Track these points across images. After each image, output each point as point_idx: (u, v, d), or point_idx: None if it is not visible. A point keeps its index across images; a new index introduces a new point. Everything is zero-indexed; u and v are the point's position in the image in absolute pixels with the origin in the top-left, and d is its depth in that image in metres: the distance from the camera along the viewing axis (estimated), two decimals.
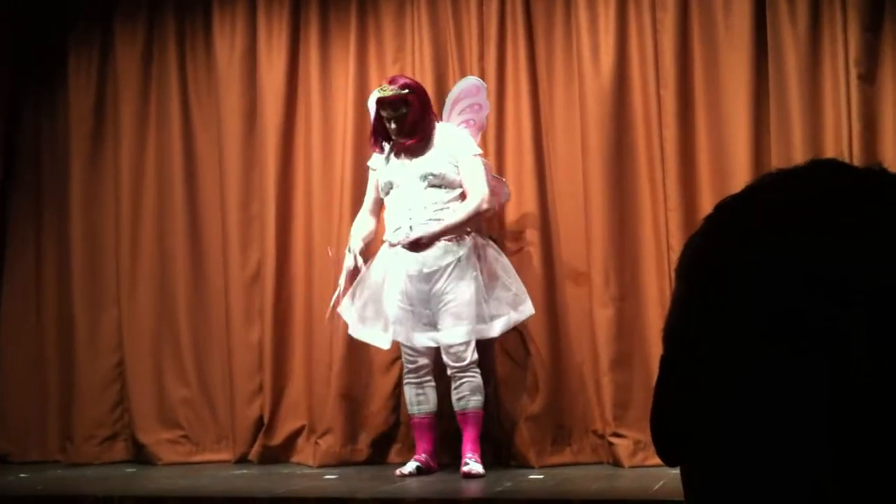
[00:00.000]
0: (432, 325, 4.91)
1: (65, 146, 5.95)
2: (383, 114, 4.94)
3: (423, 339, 4.94)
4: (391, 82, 4.96)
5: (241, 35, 5.75)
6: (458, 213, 4.88)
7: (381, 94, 4.92)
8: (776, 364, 0.63)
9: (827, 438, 0.61)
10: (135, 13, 5.90)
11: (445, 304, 4.87)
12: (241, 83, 5.74)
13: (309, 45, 5.67)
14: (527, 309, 4.98)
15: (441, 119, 5.08)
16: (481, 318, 4.87)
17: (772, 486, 0.63)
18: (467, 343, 4.89)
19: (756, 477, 0.63)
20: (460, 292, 4.85)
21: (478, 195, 4.87)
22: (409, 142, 4.93)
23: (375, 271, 4.97)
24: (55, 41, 6.00)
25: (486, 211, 4.94)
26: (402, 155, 4.99)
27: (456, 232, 4.89)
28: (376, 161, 5.08)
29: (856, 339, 0.61)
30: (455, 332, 4.87)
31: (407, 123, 4.90)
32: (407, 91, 4.91)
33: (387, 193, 5.00)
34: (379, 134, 5.02)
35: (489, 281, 4.92)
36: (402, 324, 4.91)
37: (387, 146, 5.02)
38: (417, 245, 4.85)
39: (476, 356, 4.92)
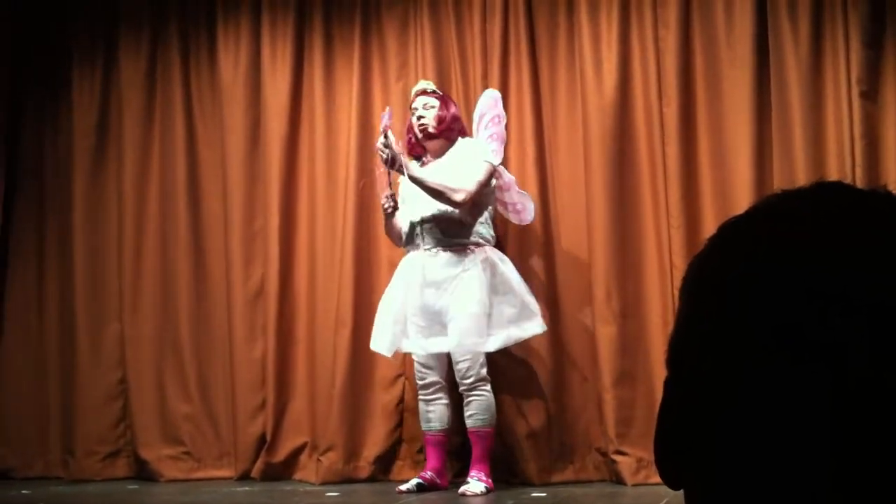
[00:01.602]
0: (427, 334, 4.91)
1: (68, 160, 5.96)
2: (415, 106, 5.05)
3: (413, 347, 4.94)
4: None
5: (246, 51, 5.77)
6: (440, 179, 4.86)
7: (418, 87, 5.11)
8: (776, 375, 0.63)
9: (828, 449, 0.61)
10: (138, 28, 5.91)
11: (445, 315, 4.87)
12: (245, 99, 5.75)
13: (313, 61, 5.68)
14: (531, 327, 4.94)
15: (470, 135, 5.12)
16: (477, 333, 4.85)
17: (771, 497, 0.63)
18: (472, 360, 4.87)
19: (755, 489, 0.63)
20: (460, 304, 4.84)
21: (463, 183, 4.85)
22: (429, 140, 5.02)
23: (393, 283, 5.03)
24: (57, 45, 6.01)
25: (457, 205, 4.85)
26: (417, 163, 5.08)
27: (418, 185, 4.85)
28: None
29: (856, 349, 0.61)
30: (443, 341, 4.87)
31: (433, 119, 5.02)
32: (442, 94, 5.12)
33: (403, 201, 5.04)
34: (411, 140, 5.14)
35: (494, 296, 4.91)
36: (397, 332, 4.92)
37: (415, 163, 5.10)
38: (390, 155, 4.81)
39: (484, 373, 4.90)
